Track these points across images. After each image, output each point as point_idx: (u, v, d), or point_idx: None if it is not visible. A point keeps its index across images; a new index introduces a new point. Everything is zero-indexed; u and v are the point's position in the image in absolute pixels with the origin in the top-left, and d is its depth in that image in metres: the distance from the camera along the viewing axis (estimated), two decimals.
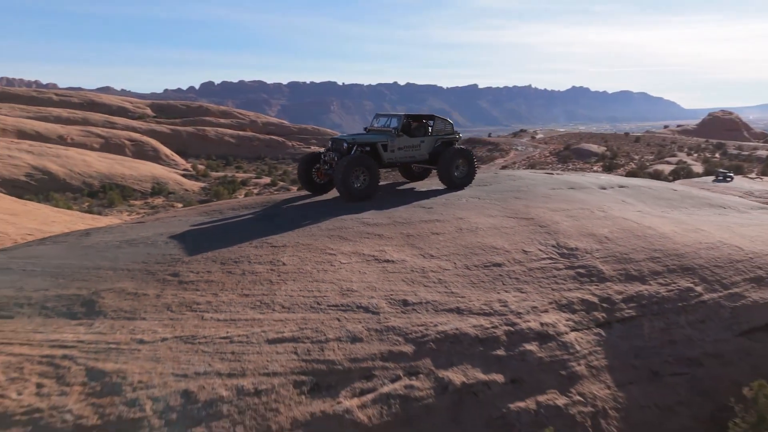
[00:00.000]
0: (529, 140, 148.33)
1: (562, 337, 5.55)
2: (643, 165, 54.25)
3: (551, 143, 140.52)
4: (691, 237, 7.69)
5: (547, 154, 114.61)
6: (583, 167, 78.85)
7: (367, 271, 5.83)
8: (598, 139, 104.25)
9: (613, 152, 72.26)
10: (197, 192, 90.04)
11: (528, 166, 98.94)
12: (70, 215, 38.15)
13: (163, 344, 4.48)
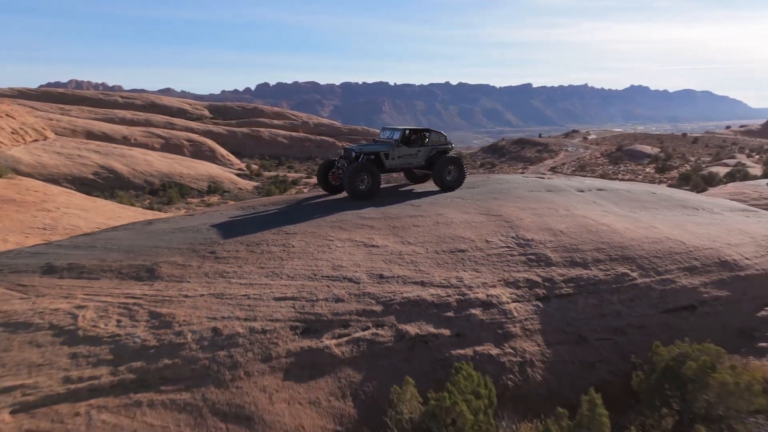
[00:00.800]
0: (580, 141, 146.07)
1: (503, 305, 7.18)
2: (698, 167, 52.93)
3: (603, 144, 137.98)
4: (640, 233, 9.13)
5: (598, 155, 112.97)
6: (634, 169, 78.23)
7: (355, 253, 7.62)
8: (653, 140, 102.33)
9: (668, 154, 70.81)
10: (251, 191, 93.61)
11: (577, 167, 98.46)
12: (134, 211, 41.48)
13: (201, 298, 6.39)
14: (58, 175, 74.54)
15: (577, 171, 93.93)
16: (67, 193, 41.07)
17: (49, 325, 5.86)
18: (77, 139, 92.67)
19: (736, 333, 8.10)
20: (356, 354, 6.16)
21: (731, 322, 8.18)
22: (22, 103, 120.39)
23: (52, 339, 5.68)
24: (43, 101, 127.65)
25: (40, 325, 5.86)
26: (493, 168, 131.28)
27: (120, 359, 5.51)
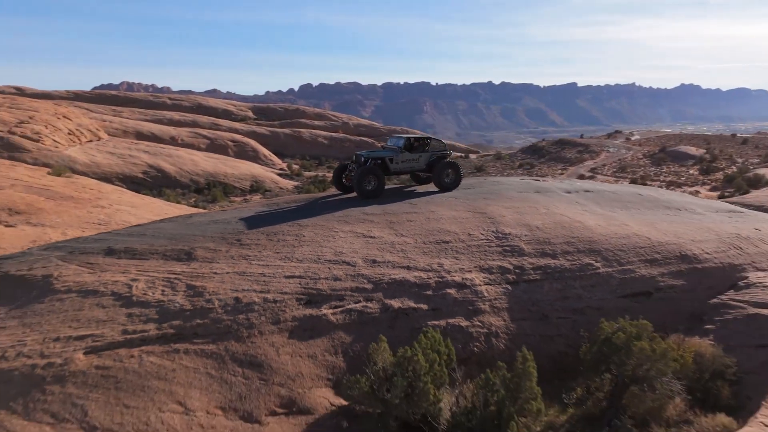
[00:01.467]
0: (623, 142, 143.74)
1: (475, 287, 8.61)
2: (745, 169, 52.10)
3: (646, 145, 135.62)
4: (611, 229, 10.40)
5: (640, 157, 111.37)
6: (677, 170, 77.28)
7: (355, 242, 9.17)
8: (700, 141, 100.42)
9: (713, 155, 69.54)
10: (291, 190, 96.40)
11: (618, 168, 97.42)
12: (179, 208, 44.04)
13: (227, 275, 8.05)
14: (111, 174, 78.58)
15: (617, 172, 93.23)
16: (119, 191, 43.98)
17: (111, 293, 7.61)
18: (128, 140, 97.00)
19: (687, 317, 9.30)
20: (348, 321, 7.70)
21: (684, 307, 9.39)
22: (77, 105, 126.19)
23: (113, 302, 7.42)
24: (97, 103, 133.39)
25: (104, 292, 7.62)
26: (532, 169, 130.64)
27: (163, 318, 7.20)
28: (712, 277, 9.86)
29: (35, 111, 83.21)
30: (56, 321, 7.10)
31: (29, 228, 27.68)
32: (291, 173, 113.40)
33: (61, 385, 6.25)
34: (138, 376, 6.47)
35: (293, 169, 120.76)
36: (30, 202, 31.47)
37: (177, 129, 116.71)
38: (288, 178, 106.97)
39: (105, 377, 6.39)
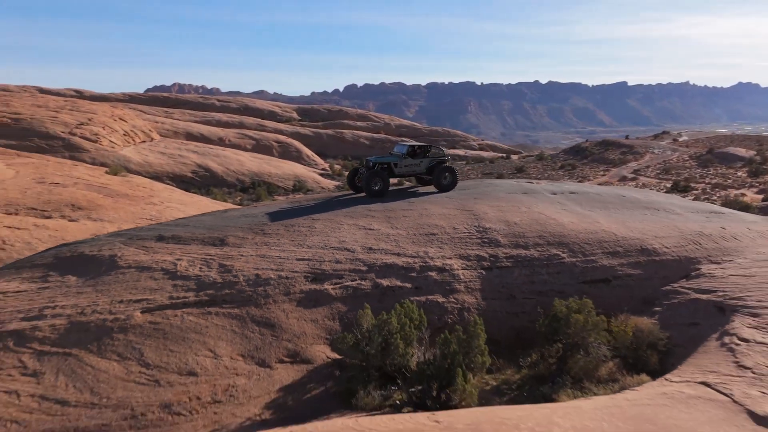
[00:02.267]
0: (669, 143, 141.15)
1: (454, 271, 10.42)
2: None
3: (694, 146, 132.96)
4: (582, 226, 12.03)
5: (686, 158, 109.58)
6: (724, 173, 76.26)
7: (356, 233, 11.11)
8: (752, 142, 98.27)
9: (764, 157, 68.16)
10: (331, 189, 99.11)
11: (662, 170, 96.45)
12: (225, 206, 47.05)
13: (250, 257, 10.11)
14: (162, 173, 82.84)
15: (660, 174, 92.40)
16: (169, 190, 47.27)
17: (160, 269, 9.76)
18: (178, 140, 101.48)
19: (640, 301, 10.87)
20: (345, 295, 9.65)
21: (638, 293, 10.96)
22: (132, 107, 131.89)
23: (162, 276, 9.57)
24: (150, 105, 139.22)
25: (155, 268, 9.78)
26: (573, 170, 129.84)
27: (200, 288, 9.30)
28: (668, 268, 11.38)
29: (93, 113, 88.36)
30: (120, 288, 9.28)
31: (90, 222, 30.96)
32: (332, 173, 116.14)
33: (124, 334, 8.39)
34: (180, 330, 8.57)
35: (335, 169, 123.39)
36: (90, 199, 34.83)
37: (224, 130, 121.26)
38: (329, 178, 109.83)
39: (156, 330, 8.51)
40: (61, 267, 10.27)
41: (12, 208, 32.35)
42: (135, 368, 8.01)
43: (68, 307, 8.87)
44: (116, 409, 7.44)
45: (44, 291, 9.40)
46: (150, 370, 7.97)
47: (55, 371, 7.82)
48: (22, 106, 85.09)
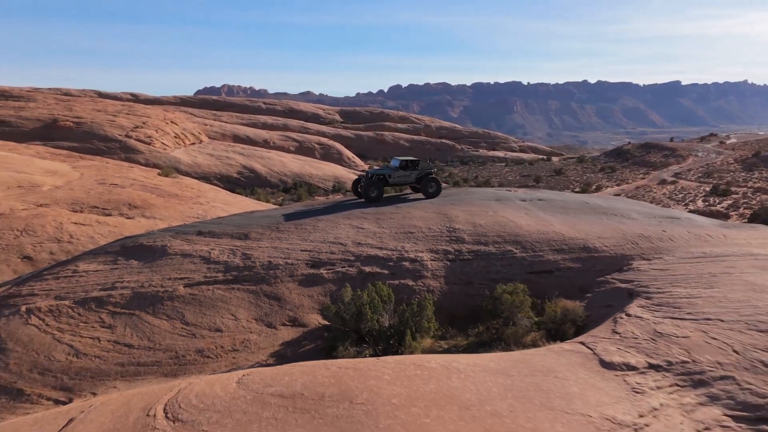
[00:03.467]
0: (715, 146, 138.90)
1: (423, 262, 13.28)
2: None
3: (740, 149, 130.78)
4: (536, 227, 14.70)
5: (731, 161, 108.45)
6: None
7: (350, 231, 14.09)
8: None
9: None
10: None
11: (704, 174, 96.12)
12: (265, 206, 50.86)
13: (266, 248, 13.24)
14: (210, 174, 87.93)
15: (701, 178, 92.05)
16: (215, 190, 51.46)
17: (198, 256, 12.98)
18: (225, 142, 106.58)
19: (578, 288, 13.46)
20: (336, 278, 12.65)
21: (576, 282, 13.56)
22: (183, 110, 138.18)
23: (200, 261, 12.78)
24: (200, 108, 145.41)
25: (195, 255, 13.01)
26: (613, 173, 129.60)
27: (227, 270, 12.46)
28: (604, 263, 13.93)
29: (148, 117, 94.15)
30: (169, 269, 12.54)
31: (144, 220, 35.20)
32: None
33: (171, 301, 11.62)
34: (211, 300, 11.74)
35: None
36: (144, 199, 39.16)
37: (269, 132, 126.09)
38: None
39: (194, 299, 11.71)
40: (126, 253, 13.64)
41: (77, 206, 36.97)
42: (178, 325, 11.21)
43: (132, 282, 12.17)
44: (165, 351, 10.65)
45: (115, 270, 12.76)
46: (188, 327, 11.16)
47: (124, 325, 11.10)
48: (84, 111, 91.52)
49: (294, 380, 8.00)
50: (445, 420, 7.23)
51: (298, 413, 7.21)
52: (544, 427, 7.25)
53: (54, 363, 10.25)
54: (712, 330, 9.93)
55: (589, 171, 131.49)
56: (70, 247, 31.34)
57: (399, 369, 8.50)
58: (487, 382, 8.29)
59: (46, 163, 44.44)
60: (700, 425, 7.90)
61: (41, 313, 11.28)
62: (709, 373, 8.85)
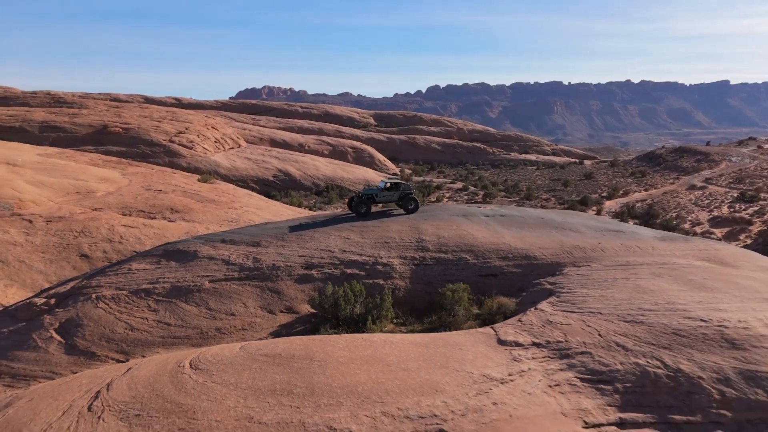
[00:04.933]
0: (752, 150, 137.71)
1: (394, 266, 17.03)
2: None
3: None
4: (490, 239, 18.25)
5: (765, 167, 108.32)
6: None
7: (338, 241, 17.95)
8: None
9: None
10: None
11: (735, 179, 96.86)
12: (293, 210, 55.21)
13: (272, 254, 17.23)
14: (247, 177, 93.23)
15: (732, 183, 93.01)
16: (248, 195, 56.12)
17: (221, 259, 17.03)
18: (262, 147, 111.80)
19: (517, 289, 16.95)
20: (323, 277, 16.50)
21: (516, 284, 17.06)
22: (223, 114, 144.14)
23: (221, 263, 16.82)
24: (240, 112, 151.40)
25: (218, 258, 17.06)
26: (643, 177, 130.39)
27: (240, 270, 16.46)
28: (541, 269, 17.38)
29: (190, 123, 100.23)
30: (198, 269, 16.62)
31: (184, 223, 40.09)
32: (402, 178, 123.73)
33: (199, 293, 15.67)
34: (228, 292, 15.74)
35: (405, 174, 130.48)
36: (185, 204, 44.09)
37: (305, 137, 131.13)
38: None
39: (215, 291, 15.74)
40: (167, 256, 17.81)
41: (126, 210, 42.15)
42: (203, 310, 15.26)
43: (171, 278, 16.30)
44: (193, 329, 14.69)
45: (158, 269, 16.93)
46: (211, 312, 15.20)
47: (164, 309, 15.21)
48: (131, 117, 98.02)
49: (276, 346, 11.91)
50: (371, 371, 11.00)
51: (276, 365, 11.08)
52: (436, 378, 10.95)
53: (115, 334, 14.42)
54: (590, 320, 13.43)
55: (619, 175, 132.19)
56: (120, 247, 36.48)
57: (350, 341, 12.32)
58: (409, 351, 12.02)
59: (99, 170, 49.74)
60: (552, 382, 11.50)
61: (106, 300, 15.50)
62: (574, 350, 12.40)
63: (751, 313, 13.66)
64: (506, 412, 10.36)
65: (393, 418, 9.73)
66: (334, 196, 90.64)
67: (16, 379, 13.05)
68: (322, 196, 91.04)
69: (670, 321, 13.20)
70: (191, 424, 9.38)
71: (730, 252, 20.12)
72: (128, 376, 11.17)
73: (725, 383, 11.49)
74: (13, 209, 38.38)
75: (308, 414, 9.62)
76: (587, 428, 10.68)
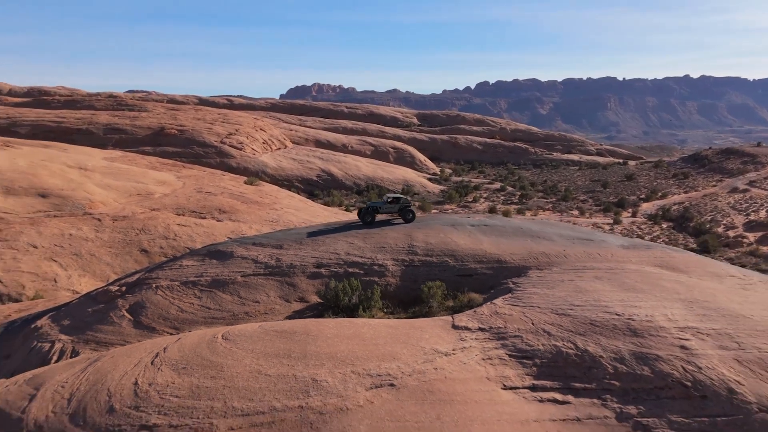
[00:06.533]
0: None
1: (387, 266, 21.19)
2: None
3: None
4: (470, 246, 22.14)
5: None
6: None
7: (344, 245, 22.23)
8: None
9: None
10: (437, 194, 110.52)
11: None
12: (329, 211, 60.03)
13: (290, 255, 21.69)
14: (292, 177, 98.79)
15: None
16: (289, 197, 61.17)
17: (250, 258, 21.58)
18: (307, 147, 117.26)
19: (488, 287, 20.79)
20: (330, 274, 20.81)
21: (487, 283, 20.90)
22: (272, 115, 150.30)
23: (250, 261, 21.37)
24: (288, 113, 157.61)
25: (248, 257, 21.59)
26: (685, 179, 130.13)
27: (265, 267, 20.97)
28: (510, 271, 21.16)
29: (240, 125, 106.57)
30: (233, 266, 21.20)
31: (231, 223, 45.41)
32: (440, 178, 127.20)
33: (233, 285, 20.23)
34: (255, 284, 20.25)
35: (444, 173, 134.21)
36: (232, 205, 49.44)
37: (348, 137, 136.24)
38: (436, 183, 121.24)
39: (245, 283, 20.27)
40: (210, 255, 22.47)
41: (180, 210, 47.79)
42: (236, 298, 19.79)
43: (212, 272, 20.92)
44: (227, 312, 19.23)
45: (203, 266, 21.59)
46: (241, 299, 19.72)
47: (206, 297, 19.81)
48: (186, 119, 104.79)
49: (284, 325, 16.29)
50: (349, 344, 15.21)
51: (281, 338, 15.42)
52: (396, 350, 15.07)
53: (170, 315, 19.12)
54: (529, 312, 17.28)
55: (661, 177, 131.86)
56: (174, 243, 42.09)
57: (339, 323, 16.59)
58: (381, 331, 16.18)
59: (157, 174, 55.63)
60: (486, 357, 15.47)
61: (163, 289, 20.25)
62: (509, 334, 16.31)
63: (660, 310, 17.23)
64: (443, 374, 14.42)
65: (358, 375, 13.93)
66: (373, 196, 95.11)
67: (100, 345, 17.89)
68: (362, 195, 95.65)
69: (591, 314, 16.93)
70: (219, 374, 13.83)
71: (684, 259, 23.38)
72: (178, 343, 15.73)
73: (620, 361, 15.23)
74: (85, 209, 44.47)
75: (299, 370, 13.93)
76: (505, 389, 14.62)
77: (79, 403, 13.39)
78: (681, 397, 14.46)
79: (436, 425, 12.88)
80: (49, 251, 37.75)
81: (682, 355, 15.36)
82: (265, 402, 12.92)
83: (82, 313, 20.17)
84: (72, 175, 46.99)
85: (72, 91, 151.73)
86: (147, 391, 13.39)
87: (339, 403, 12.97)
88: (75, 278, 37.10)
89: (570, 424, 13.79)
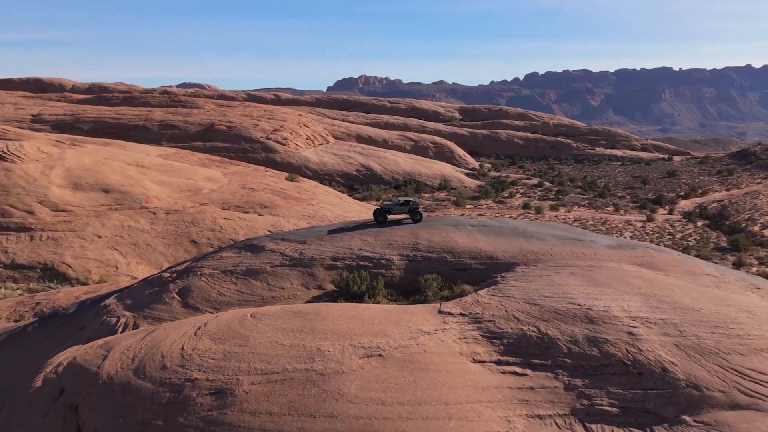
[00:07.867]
0: None
1: (393, 260, 24.79)
2: None
3: None
4: (466, 244, 25.48)
5: None
6: None
7: (358, 242, 25.93)
8: None
9: None
10: (473, 189, 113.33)
11: None
12: (362, 206, 64.12)
13: (312, 249, 25.56)
14: (333, 172, 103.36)
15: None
16: (326, 193, 65.33)
17: (278, 251, 25.55)
18: (348, 143, 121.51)
19: (480, 279, 24.06)
20: (344, 267, 24.55)
21: (480, 276, 24.20)
22: (316, 110, 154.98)
23: (279, 254, 25.34)
24: (331, 108, 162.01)
25: (277, 251, 25.58)
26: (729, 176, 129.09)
27: (290, 260, 24.89)
28: (500, 266, 24.38)
29: (284, 121, 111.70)
30: (264, 257, 25.19)
31: (271, 217, 50.02)
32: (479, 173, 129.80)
33: (263, 274, 24.22)
34: (281, 273, 24.19)
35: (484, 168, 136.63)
36: (272, 201, 53.97)
37: (389, 132, 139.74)
38: (474, 178, 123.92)
39: (274, 273, 24.24)
40: (245, 249, 26.54)
41: (226, 205, 52.58)
42: (265, 285, 23.76)
43: (246, 263, 24.97)
44: (257, 296, 23.22)
45: (239, 257, 25.67)
46: (269, 286, 23.68)
47: (241, 283, 23.86)
48: (234, 116, 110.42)
49: (300, 307, 20.15)
50: (350, 323, 18.91)
51: (297, 317, 19.25)
52: (387, 329, 18.68)
53: (211, 297, 23.24)
54: (505, 301, 20.60)
55: (704, 173, 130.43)
56: (220, 235, 46.82)
57: (344, 306, 20.32)
58: (378, 314, 19.81)
59: (206, 171, 60.51)
60: (462, 336, 18.92)
61: (206, 276, 24.42)
62: (485, 318, 19.70)
63: (618, 302, 20.27)
64: (423, 349, 17.97)
65: (354, 347, 17.62)
66: (410, 191, 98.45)
67: (155, 320, 22.16)
68: (400, 190, 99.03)
69: (557, 304, 20.12)
70: (246, 343, 17.76)
71: (664, 258, 26.10)
72: (216, 320, 19.77)
73: (574, 343, 18.45)
74: (142, 203, 49.69)
75: (308, 342, 17.72)
76: (474, 362, 18.06)
77: (140, 361, 17.58)
78: (621, 374, 17.60)
79: (412, 386, 16.44)
80: (111, 241, 42.92)
81: (628, 340, 18.44)
82: (280, 365, 16.75)
83: (141, 294, 24.55)
84: (130, 172, 52.25)
85: (129, 87, 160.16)
86: (191, 355, 17.44)
87: (337, 368, 16.68)
88: (133, 265, 42.14)
89: (525, 391, 17.15)
